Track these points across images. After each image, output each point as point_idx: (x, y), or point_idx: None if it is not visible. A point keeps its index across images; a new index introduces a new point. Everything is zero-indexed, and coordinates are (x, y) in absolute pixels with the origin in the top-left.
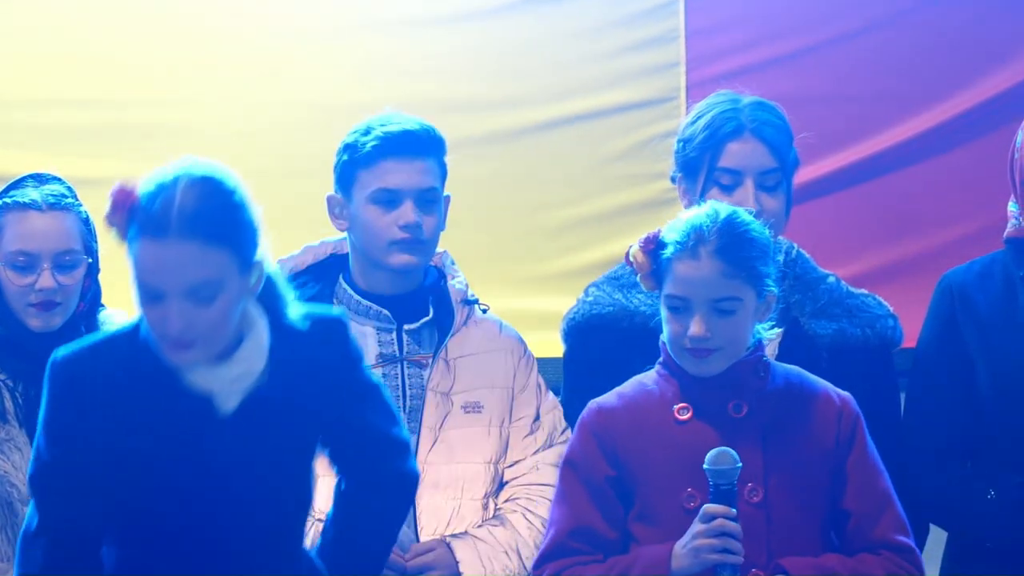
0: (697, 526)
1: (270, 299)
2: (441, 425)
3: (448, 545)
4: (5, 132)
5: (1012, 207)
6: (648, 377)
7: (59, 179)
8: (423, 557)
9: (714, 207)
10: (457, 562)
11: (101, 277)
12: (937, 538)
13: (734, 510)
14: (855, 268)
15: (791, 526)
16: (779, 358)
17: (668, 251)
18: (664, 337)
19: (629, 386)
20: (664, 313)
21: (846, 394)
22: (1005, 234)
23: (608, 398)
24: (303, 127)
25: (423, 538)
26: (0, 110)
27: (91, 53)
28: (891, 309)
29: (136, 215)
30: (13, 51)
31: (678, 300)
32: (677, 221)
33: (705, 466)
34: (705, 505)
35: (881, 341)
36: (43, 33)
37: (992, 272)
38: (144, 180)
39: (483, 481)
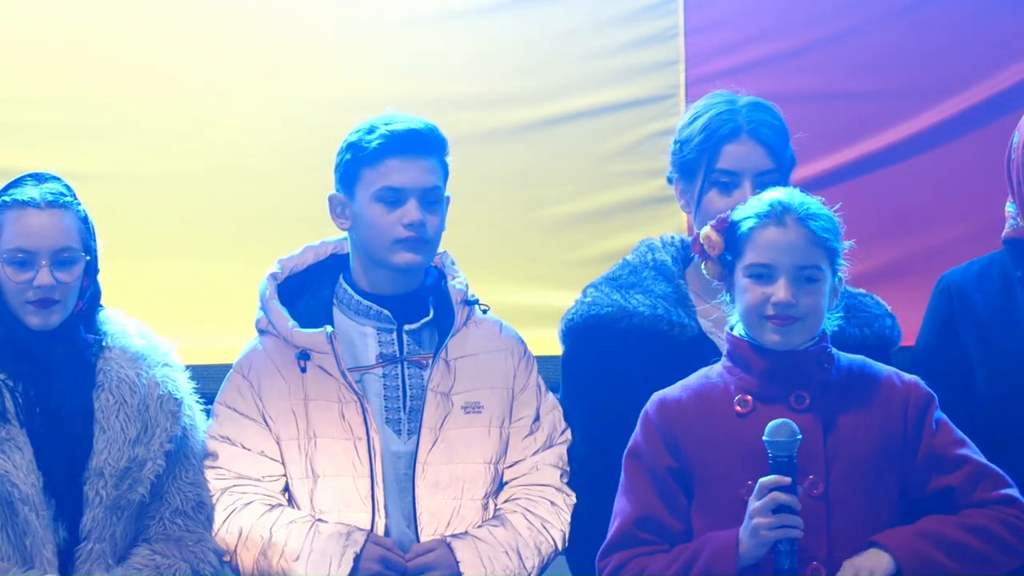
0: (753, 503)
1: None
2: (441, 425)
3: (448, 545)
4: (3, 130)
5: (1009, 207)
6: (713, 369)
7: (58, 178)
8: (423, 557)
9: (787, 189)
10: (457, 562)
11: (100, 277)
12: None
13: (789, 479)
14: (854, 267)
15: (854, 518)
16: None
17: (748, 224)
18: (735, 320)
19: (694, 378)
20: (742, 285)
21: (912, 378)
22: (1003, 234)
23: (672, 390)
24: (303, 125)
25: (423, 538)
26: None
27: (93, 49)
28: (889, 308)
29: None
30: (11, 49)
31: (762, 267)
32: (749, 202)
33: (764, 438)
34: (760, 479)
35: (879, 340)
36: (42, 30)
37: (990, 272)
38: None
39: (483, 481)
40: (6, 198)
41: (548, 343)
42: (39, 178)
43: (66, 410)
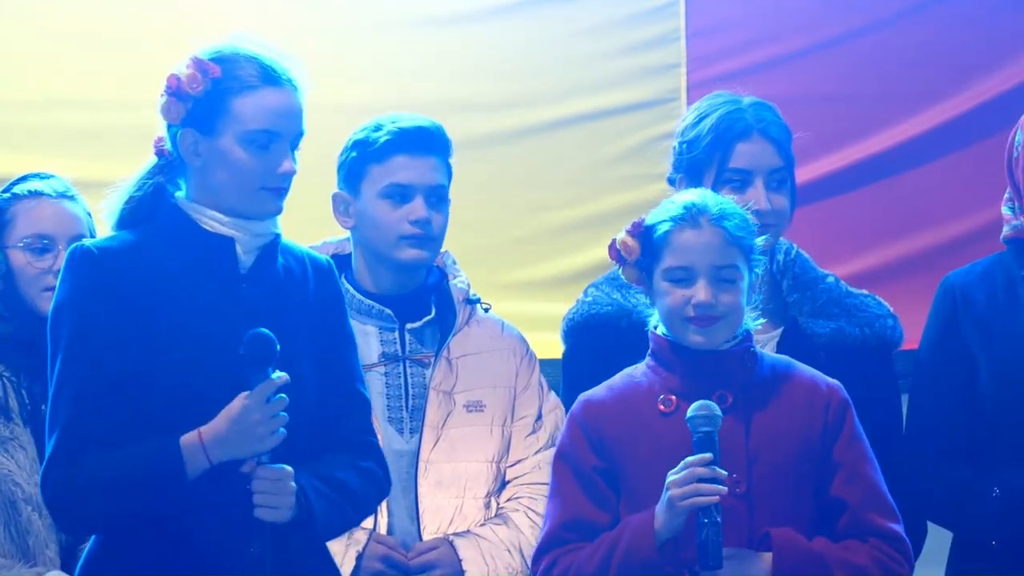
0: (670, 478)
1: None
2: (443, 424)
3: (451, 544)
4: (3, 134)
5: (1006, 210)
6: (637, 369)
7: (58, 177)
8: (426, 555)
9: (698, 190)
10: (460, 560)
11: None
12: (940, 538)
13: (710, 455)
14: (856, 267)
15: (775, 517)
16: None
17: (664, 227)
18: (656, 320)
19: (619, 378)
20: (662, 288)
21: (834, 382)
22: (1003, 236)
23: (597, 391)
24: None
25: (426, 537)
26: None
27: (91, 53)
28: (891, 309)
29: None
30: (12, 51)
31: (680, 271)
32: (662, 206)
33: (687, 416)
34: (685, 459)
35: (880, 341)
36: (43, 33)
37: (994, 273)
38: None
39: (485, 480)
40: (16, 190)
41: (548, 347)
42: (42, 176)
43: None
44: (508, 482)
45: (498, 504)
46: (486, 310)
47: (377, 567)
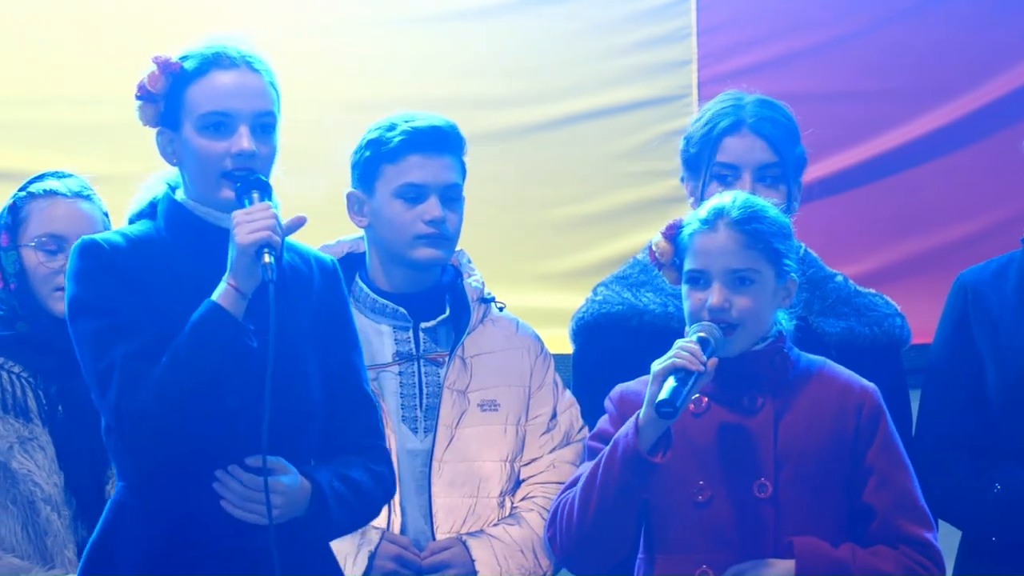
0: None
1: None
2: (458, 423)
3: (464, 544)
4: (6, 130)
5: None
6: None
7: (76, 176)
8: (439, 555)
9: (734, 192)
10: (473, 561)
11: None
12: (947, 537)
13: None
14: (865, 266)
15: (802, 521)
16: None
17: (688, 230)
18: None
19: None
20: (684, 291)
21: (870, 385)
22: None
23: (633, 385)
24: (305, 125)
25: (439, 536)
26: (1, 108)
27: (91, 51)
28: (899, 308)
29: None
30: (13, 50)
31: (697, 272)
32: (700, 207)
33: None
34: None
35: (889, 340)
36: (43, 31)
37: (1007, 272)
38: None
39: (499, 479)
40: (32, 189)
41: (558, 342)
42: (59, 175)
43: (88, 407)
44: (522, 481)
45: (512, 504)
46: (501, 309)
47: (390, 567)
